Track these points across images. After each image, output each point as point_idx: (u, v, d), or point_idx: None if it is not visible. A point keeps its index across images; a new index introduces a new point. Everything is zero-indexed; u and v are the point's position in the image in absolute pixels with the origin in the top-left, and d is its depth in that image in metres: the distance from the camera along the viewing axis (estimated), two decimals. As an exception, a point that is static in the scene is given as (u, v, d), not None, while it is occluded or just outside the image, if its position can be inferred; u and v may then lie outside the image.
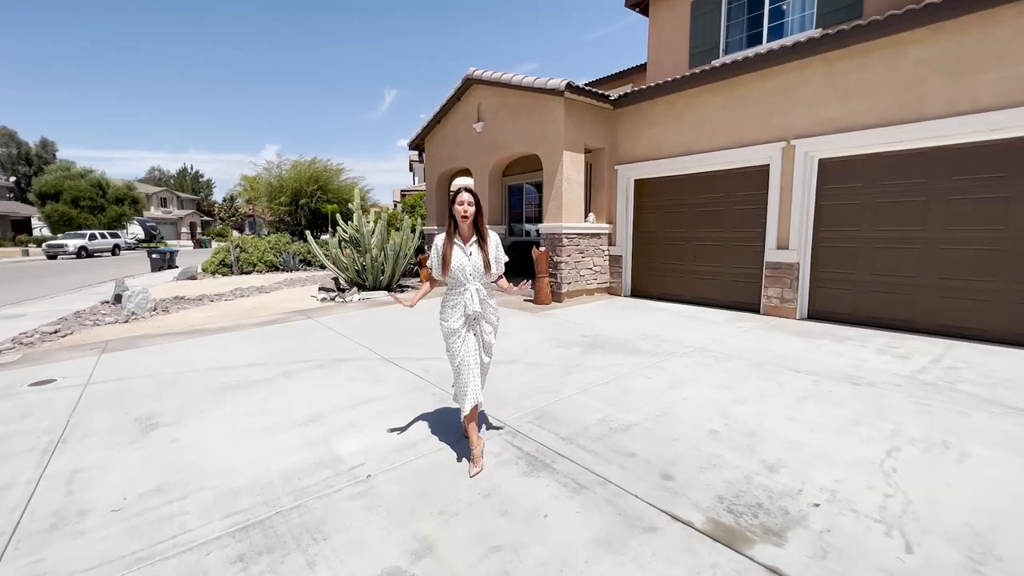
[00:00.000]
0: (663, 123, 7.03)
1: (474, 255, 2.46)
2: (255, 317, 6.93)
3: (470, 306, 2.43)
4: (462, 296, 2.47)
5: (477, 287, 2.47)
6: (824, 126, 5.40)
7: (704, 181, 6.73)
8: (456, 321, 2.48)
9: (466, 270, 2.45)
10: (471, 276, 2.45)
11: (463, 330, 2.49)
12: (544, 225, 7.48)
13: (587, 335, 5.19)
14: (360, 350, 4.85)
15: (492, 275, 2.53)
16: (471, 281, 2.46)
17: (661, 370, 3.95)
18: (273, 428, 3.04)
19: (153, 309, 7.96)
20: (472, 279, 2.46)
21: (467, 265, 2.45)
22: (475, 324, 2.51)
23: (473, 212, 2.44)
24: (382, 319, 6.49)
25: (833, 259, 5.55)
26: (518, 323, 5.91)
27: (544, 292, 7.12)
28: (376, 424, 3.05)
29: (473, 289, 2.45)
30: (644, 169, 7.36)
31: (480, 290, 2.48)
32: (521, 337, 5.17)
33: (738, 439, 2.72)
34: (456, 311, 2.48)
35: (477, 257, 2.46)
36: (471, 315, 2.46)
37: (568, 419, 3.04)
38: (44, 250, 24.07)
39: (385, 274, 8.63)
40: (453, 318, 2.49)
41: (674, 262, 7.21)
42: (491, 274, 2.51)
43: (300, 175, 18.59)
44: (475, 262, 2.45)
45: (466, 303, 2.45)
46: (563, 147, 7.07)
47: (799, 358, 4.20)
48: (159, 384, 3.97)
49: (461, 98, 9.21)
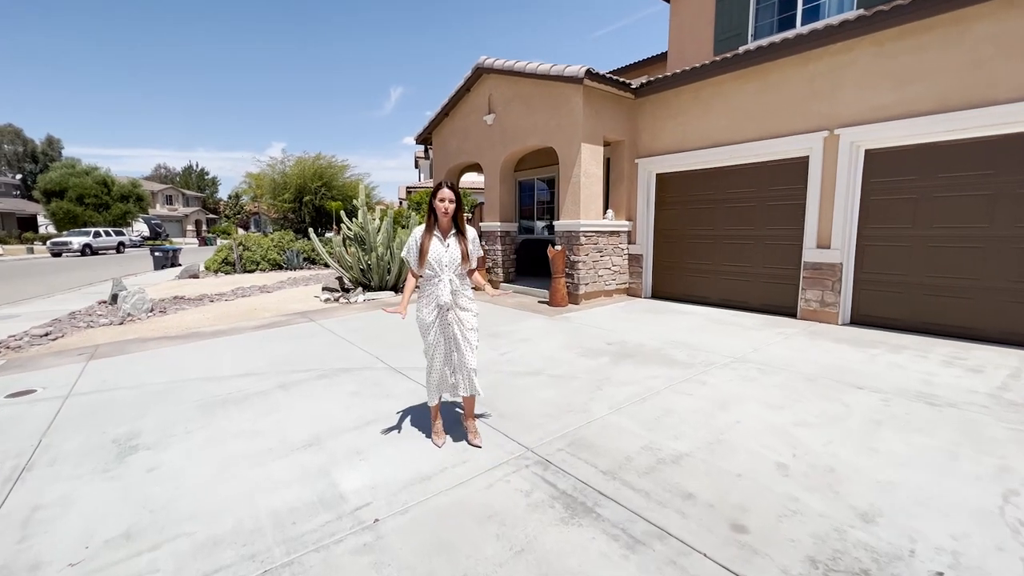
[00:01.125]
0: (688, 113, 6.56)
1: (451, 247, 2.52)
2: (254, 319, 6.56)
3: (442, 296, 2.47)
4: (436, 287, 2.51)
5: (451, 277, 2.50)
6: (873, 113, 4.92)
7: (734, 175, 6.26)
8: (430, 314, 2.54)
9: (442, 261, 2.49)
10: (447, 267, 2.50)
11: (436, 322, 2.55)
12: (560, 222, 7.04)
13: (612, 342, 4.76)
14: (365, 358, 4.45)
15: (468, 265, 2.57)
16: (445, 271, 2.50)
17: (702, 385, 3.52)
18: (266, 454, 2.65)
19: (150, 310, 7.63)
20: (447, 269, 2.50)
21: (444, 256, 2.49)
22: (446, 314, 2.53)
23: (454, 208, 2.50)
24: (388, 322, 6.10)
25: (881, 259, 5.07)
26: (535, 328, 5.49)
27: (560, 293, 6.70)
28: (383, 450, 2.65)
29: (446, 279, 2.49)
30: (667, 162, 6.90)
31: (453, 280, 2.51)
32: (540, 345, 4.75)
33: (814, 476, 2.28)
34: (431, 302, 2.54)
35: (455, 249, 2.51)
36: (443, 305, 2.49)
37: (606, 446, 2.62)
38: (48, 248, 23.98)
39: (391, 274, 8.24)
40: (427, 310, 2.56)
41: (699, 262, 6.76)
42: (467, 264, 2.55)
43: (304, 171, 18.20)
44: (452, 253, 2.51)
45: (438, 293, 2.48)
46: (581, 139, 6.62)
47: (856, 371, 3.75)
48: (145, 396, 3.60)
49: (471, 89, 8.77)
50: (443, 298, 2.48)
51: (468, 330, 2.57)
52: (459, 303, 2.55)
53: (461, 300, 2.56)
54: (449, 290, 2.49)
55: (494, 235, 8.55)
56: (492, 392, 3.47)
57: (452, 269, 2.52)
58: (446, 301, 2.48)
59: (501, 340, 4.93)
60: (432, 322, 2.54)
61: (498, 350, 4.57)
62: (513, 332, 5.28)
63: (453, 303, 2.52)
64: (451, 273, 2.51)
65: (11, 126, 40.51)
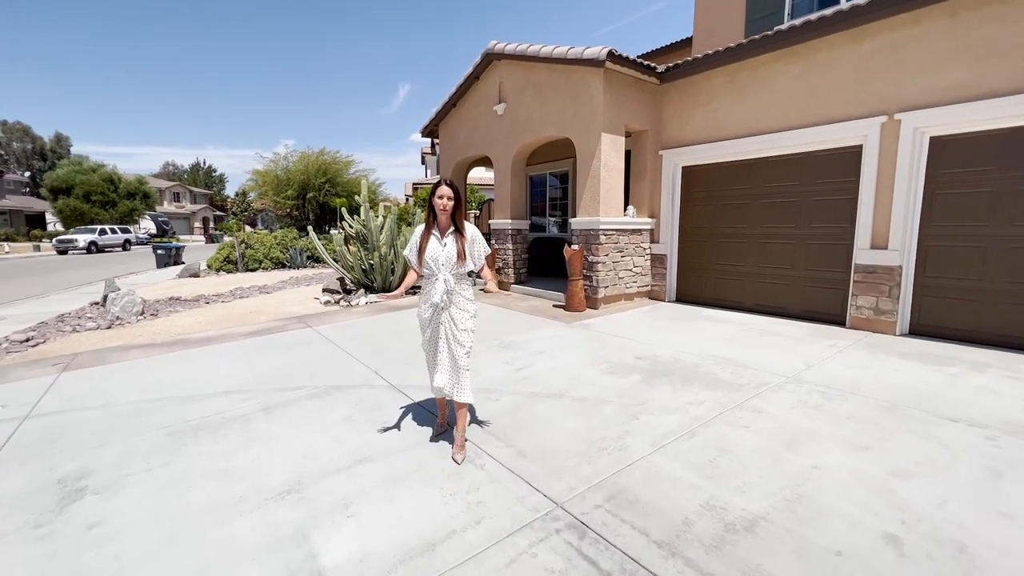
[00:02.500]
0: (721, 99, 5.96)
1: (448, 245, 2.47)
2: (248, 324, 6.11)
3: (435, 295, 2.44)
4: (432, 285, 2.48)
5: (446, 277, 2.45)
6: (943, 95, 4.29)
7: (772, 167, 5.65)
8: (426, 311, 2.54)
9: (439, 260, 2.46)
10: (443, 266, 2.45)
11: (431, 321, 2.53)
12: (578, 220, 6.48)
13: (642, 356, 4.21)
14: (362, 372, 3.96)
15: (465, 265, 2.49)
16: (441, 270, 2.46)
17: (758, 414, 2.96)
18: (234, 506, 2.15)
19: (140, 313, 7.22)
20: (443, 268, 2.46)
21: (440, 255, 2.46)
22: (440, 313, 2.49)
23: (452, 206, 2.46)
24: (391, 328, 5.59)
25: (948, 261, 4.46)
26: (552, 337, 4.95)
27: (578, 297, 6.15)
28: (377, 502, 2.14)
29: (442, 279, 2.45)
30: (695, 154, 6.30)
31: (448, 280, 2.46)
32: (559, 358, 4.21)
33: (941, 557, 1.72)
34: (426, 300, 2.52)
35: (452, 247, 2.47)
36: (436, 304, 2.46)
37: (655, 502, 2.09)
38: (54, 245, 23.89)
39: (395, 274, 7.75)
40: (423, 307, 2.55)
41: (731, 263, 6.16)
42: (463, 263, 2.47)
43: (308, 167, 17.73)
44: (448, 252, 2.46)
45: (432, 292, 2.46)
46: (601, 128, 6.05)
47: (940, 396, 3.17)
48: (111, 420, 3.13)
49: (480, 77, 8.22)
50: (435, 297, 2.44)
51: (460, 331, 2.49)
52: (454, 302, 2.50)
53: (457, 299, 2.50)
54: (444, 290, 2.44)
55: (504, 233, 8.01)
56: (507, 419, 2.95)
57: (448, 268, 2.46)
58: (439, 300, 2.44)
59: (515, 352, 4.40)
60: (428, 319, 2.54)
61: (512, 364, 4.04)
62: (528, 342, 4.75)
63: (448, 302, 2.48)
64: (447, 272, 2.46)
65: (19, 123, 40.64)
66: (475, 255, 2.54)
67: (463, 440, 2.53)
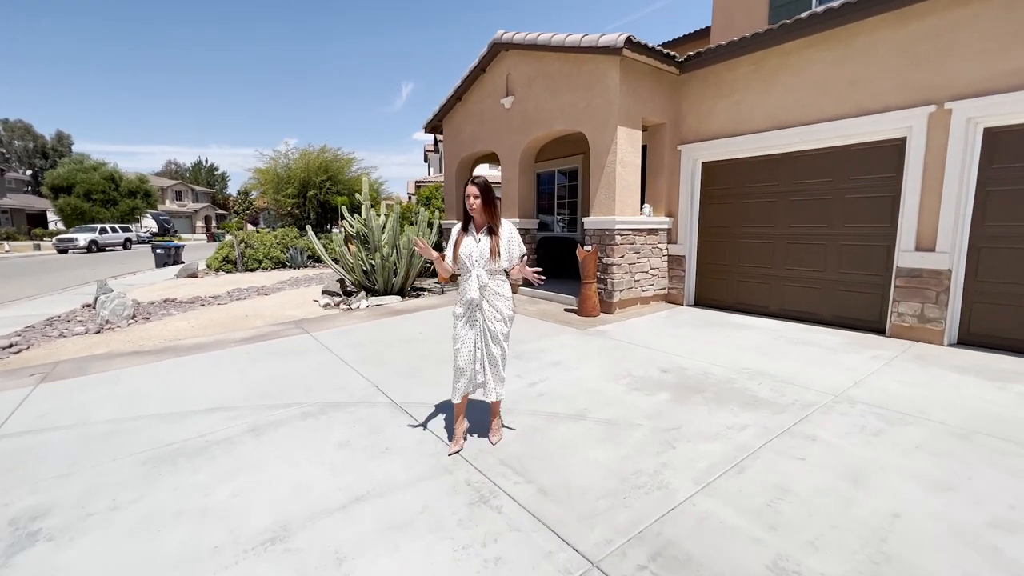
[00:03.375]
0: (746, 89, 5.57)
1: (483, 242, 2.49)
2: (243, 329, 5.78)
3: (469, 291, 2.47)
4: (466, 282, 2.51)
5: (479, 273, 2.47)
6: (1000, 81, 3.90)
7: (802, 162, 5.26)
8: (460, 307, 2.54)
9: (472, 256, 2.48)
10: (476, 262, 2.48)
11: (463, 317, 2.53)
12: (591, 219, 6.12)
13: (667, 368, 3.85)
14: (362, 385, 3.61)
15: (498, 262, 2.48)
16: (475, 267, 2.48)
17: (812, 442, 2.60)
18: (209, 557, 1.81)
19: (132, 316, 6.91)
20: (476, 265, 2.48)
21: (474, 251, 2.48)
22: (475, 310, 2.52)
23: (480, 204, 2.46)
24: (394, 334, 5.25)
25: (1003, 265, 4.07)
26: (567, 346, 4.59)
27: (591, 301, 5.79)
28: (377, 557, 1.79)
29: (475, 275, 2.47)
30: (717, 149, 5.92)
31: (482, 276, 2.47)
32: (577, 370, 3.85)
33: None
34: (461, 297, 2.54)
35: (485, 244, 2.48)
36: (471, 301, 2.48)
37: (712, 563, 1.73)
38: (54, 244, 23.69)
39: (398, 275, 7.40)
40: (458, 304, 2.56)
41: (755, 265, 5.78)
42: (497, 260, 2.48)
43: (308, 165, 17.35)
44: (482, 248, 2.48)
45: (467, 289, 2.49)
46: (617, 121, 5.67)
47: (1015, 420, 2.79)
48: (82, 442, 2.80)
49: (487, 69, 7.85)
50: (470, 293, 2.47)
51: (495, 326, 2.51)
52: (487, 298, 2.50)
53: (491, 295, 2.51)
54: (477, 286, 2.46)
55: (512, 233, 7.65)
56: (524, 446, 2.60)
57: (482, 265, 2.48)
58: (473, 297, 2.47)
59: (527, 363, 4.05)
60: (461, 314, 2.54)
61: (525, 378, 3.69)
62: (541, 352, 4.39)
63: (482, 298, 2.49)
64: (480, 269, 2.48)
65: (21, 122, 40.49)
66: (511, 253, 2.53)
67: (499, 425, 2.71)
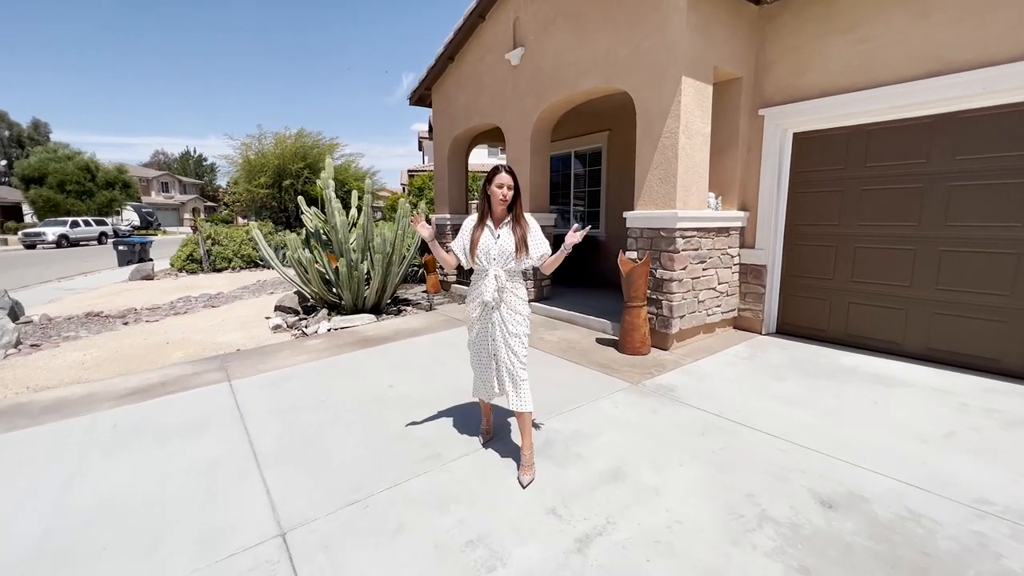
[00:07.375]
0: (880, 17, 3.71)
1: (503, 237, 2.20)
2: (148, 368, 4.06)
3: (485, 292, 2.19)
4: (481, 282, 2.24)
5: (497, 272, 2.18)
6: None
7: (973, 127, 3.44)
8: (474, 311, 2.30)
9: (490, 253, 2.20)
10: (494, 260, 2.20)
11: (479, 320, 2.29)
12: (639, 213, 4.29)
13: (826, 495, 2.04)
14: (256, 535, 1.79)
15: (522, 261, 2.20)
16: (492, 265, 2.20)
17: None
18: None
19: (15, 343, 5.18)
20: (495, 263, 2.20)
21: (492, 248, 2.20)
22: (491, 313, 2.23)
23: (512, 196, 2.17)
24: (352, 386, 3.47)
25: None
26: (619, 423, 2.79)
27: (640, 333, 3.99)
28: None
29: (492, 275, 2.18)
30: (823, 112, 4.07)
31: (500, 276, 2.19)
32: (657, 502, 2.03)
33: None
34: (475, 299, 2.29)
35: (507, 240, 2.19)
36: (487, 303, 2.20)
37: None
38: (20, 239, 21.92)
39: (371, 287, 5.60)
40: (472, 306, 2.32)
41: (880, 280, 3.98)
42: (524, 256, 2.19)
43: (284, 151, 15.39)
44: (502, 245, 2.19)
45: (482, 290, 2.21)
46: (682, 70, 3.83)
47: None
48: None
49: (486, 16, 5.98)
50: (486, 295, 2.18)
51: (512, 335, 2.20)
52: (505, 301, 2.20)
53: (508, 298, 2.20)
54: (495, 287, 2.16)
55: (521, 231, 5.84)
56: None
57: (501, 263, 2.19)
58: (490, 299, 2.17)
59: (563, 472, 2.26)
60: (476, 318, 2.28)
61: (564, 518, 1.90)
62: (579, 438, 2.60)
63: (499, 301, 2.18)
64: (499, 267, 2.19)
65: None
66: (540, 248, 2.22)
67: (531, 458, 2.21)
